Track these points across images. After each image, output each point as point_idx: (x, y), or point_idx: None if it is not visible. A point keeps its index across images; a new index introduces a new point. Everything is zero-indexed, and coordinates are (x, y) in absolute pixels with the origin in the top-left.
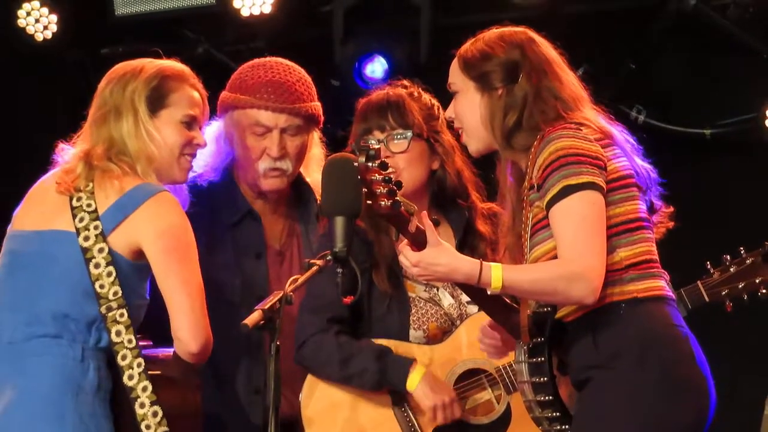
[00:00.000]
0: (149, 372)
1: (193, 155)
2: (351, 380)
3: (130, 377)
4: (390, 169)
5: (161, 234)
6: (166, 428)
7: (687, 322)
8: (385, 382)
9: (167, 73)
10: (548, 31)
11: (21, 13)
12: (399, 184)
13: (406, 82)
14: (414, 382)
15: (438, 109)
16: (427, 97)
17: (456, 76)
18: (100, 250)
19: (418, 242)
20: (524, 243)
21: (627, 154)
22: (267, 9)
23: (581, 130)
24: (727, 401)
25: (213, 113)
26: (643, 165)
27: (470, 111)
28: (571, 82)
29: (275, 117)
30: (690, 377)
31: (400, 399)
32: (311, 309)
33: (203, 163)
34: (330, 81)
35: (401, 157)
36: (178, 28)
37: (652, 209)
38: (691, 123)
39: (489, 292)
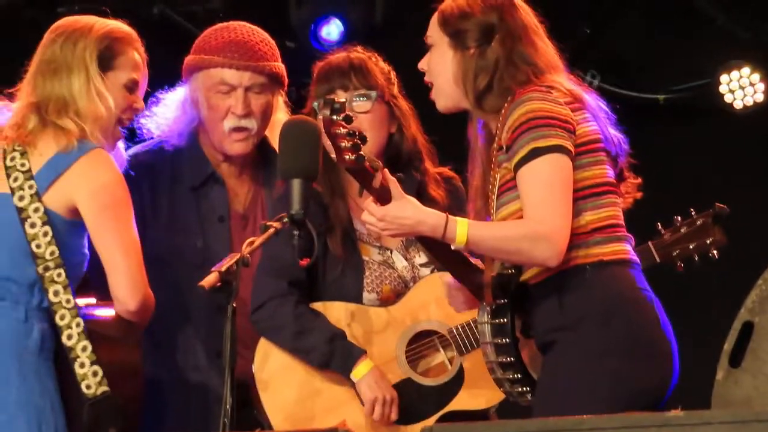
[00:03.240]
0: (89, 331)
1: (130, 121)
2: (298, 353)
3: (69, 337)
4: (354, 124)
5: (95, 192)
6: (106, 387)
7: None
8: (332, 365)
9: (116, 35)
10: None
11: None
12: (363, 138)
13: (360, 48)
14: (360, 372)
15: (393, 74)
16: (383, 62)
17: (433, 30)
18: (36, 210)
19: (383, 198)
20: (491, 204)
21: (597, 119)
22: None
23: (551, 93)
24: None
25: (171, 75)
26: (615, 134)
27: (442, 66)
28: (546, 50)
29: (239, 75)
30: (654, 340)
31: None
32: (269, 271)
33: (168, 128)
34: (285, 43)
35: (364, 118)
36: None
37: (620, 177)
38: (646, 88)
39: (453, 248)
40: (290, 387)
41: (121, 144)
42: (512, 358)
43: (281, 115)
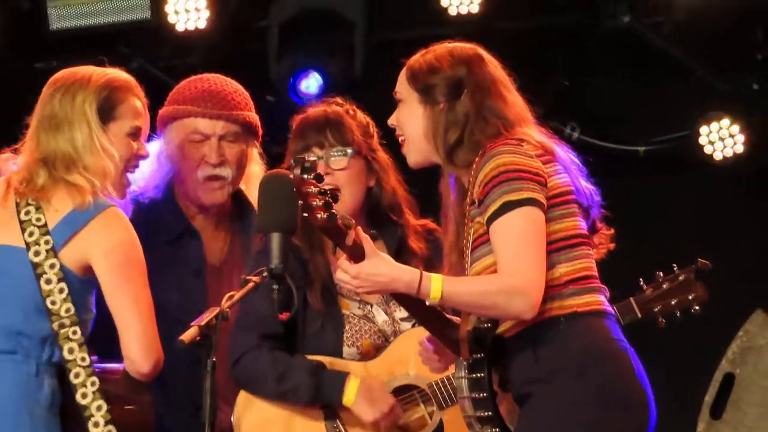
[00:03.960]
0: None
1: (135, 168)
2: (286, 396)
3: (84, 395)
4: (326, 182)
5: (110, 251)
6: None
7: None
8: (321, 397)
9: (115, 83)
10: (483, 46)
11: None
12: (335, 197)
13: (340, 100)
14: (350, 397)
15: (372, 126)
16: (361, 114)
17: (402, 86)
18: (51, 266)
19: (356, 255)
20: (465, 259)
21: (569, 171)
22: (202, 24)
23: (522, 146)
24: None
25: (151, 129)
26: (586, 186)
27: (412, 121)
28: (515, 102)
29: (213, 124)
30: (630, 391)
31: (332, 414)
32: (245, 326)
33: (144, 181)
34: (265, 96)
35: (341, 175)
36: (113, 43)
37: (593, 229)
38: (625, 140)
39: (428, 303)
40: None
41: None
42: (490, 413)
43: (256, 167)
